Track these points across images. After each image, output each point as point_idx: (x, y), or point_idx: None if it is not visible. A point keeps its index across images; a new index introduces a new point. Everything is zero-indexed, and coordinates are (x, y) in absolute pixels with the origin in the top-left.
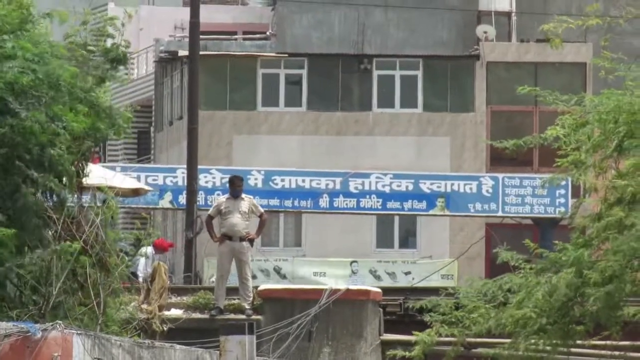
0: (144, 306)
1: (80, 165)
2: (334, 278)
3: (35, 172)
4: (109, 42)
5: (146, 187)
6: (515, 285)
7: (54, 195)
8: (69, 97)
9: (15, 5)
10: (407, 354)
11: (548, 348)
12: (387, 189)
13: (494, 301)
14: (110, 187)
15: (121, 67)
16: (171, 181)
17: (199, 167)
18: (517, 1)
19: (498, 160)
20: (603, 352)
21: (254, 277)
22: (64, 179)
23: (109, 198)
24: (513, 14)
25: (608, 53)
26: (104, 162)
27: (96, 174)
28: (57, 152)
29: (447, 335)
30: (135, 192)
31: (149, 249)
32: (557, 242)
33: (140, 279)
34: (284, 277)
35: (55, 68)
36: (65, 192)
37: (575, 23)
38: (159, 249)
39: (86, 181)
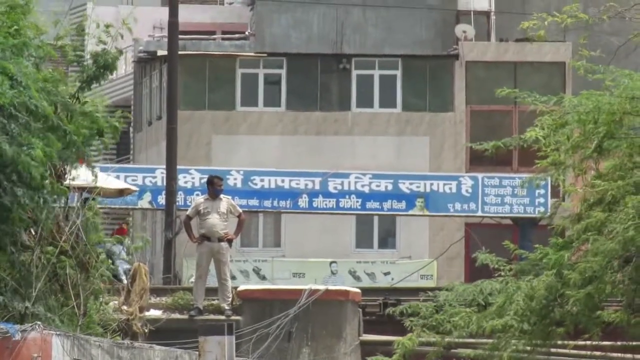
0: (125, 307)
1: (62, 169)
2: (313, 278)
3: (11, 182)
4: (99, 47)
5: (132, 188)
6: (495, 290)
7: (36, 198)
8: (44, 123)
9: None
10: None
11: (528, 349)
12: (366, 189)
13: (474, 304)
14: (95, 188)
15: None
16: (150, 181)
17: (178, 167)
18: (496, 1)
19: (477, 160)
20: (583, 352)
21: (233, 277)
22: (44, 183)
23: (90, 199)
24: (492, 14)
25: (586, 52)
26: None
27: (80, 174)
28: (31, 160)
29: (428, 343)
30: (121, 193)
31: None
32: (537, 246)
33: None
34: (263, 277)
35: (35, 97)
36: (45, 196)
37: (559, 17)
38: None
39: (70, 182)
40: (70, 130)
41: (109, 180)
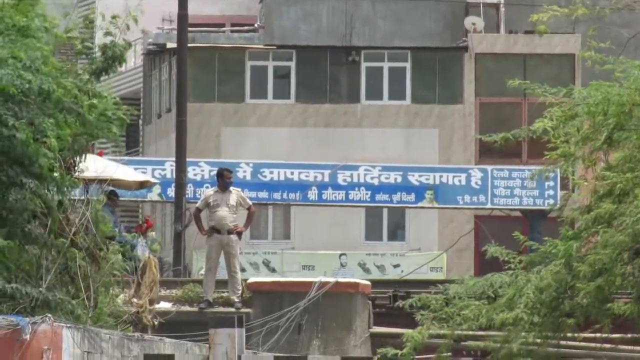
0: (135, 300)
1: (73, 161)
2: (322, 271)
3: (21, 174)
4: (107, 39)
5: (152, 180)
6: (505, 283)
7: (45, 192)
8: (55, 107)
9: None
10: (398, 352)
11: (539, 341)
12: (375, 181)
13: (483, 297)
14: (116, 180)
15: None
16: (160, 174)
17: (188, 159)
18: None
19: (487, 152)
20: (593, 344)
21: (242, 270)
22: (53, 175)
23: (100, 190)
24: (501, 5)
25: (595, 43)
26: (92, 154)
27: (99, 166)
28: (43, 152)
29: (437, 336)
30: (142, 185)
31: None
32: (547, 238)
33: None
34: (273, 270)
35: (46, 78)
36: (54, 189)
37: (562, 11)
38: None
39: (86, 174)
40: (83, 111)
41: (128, 172)
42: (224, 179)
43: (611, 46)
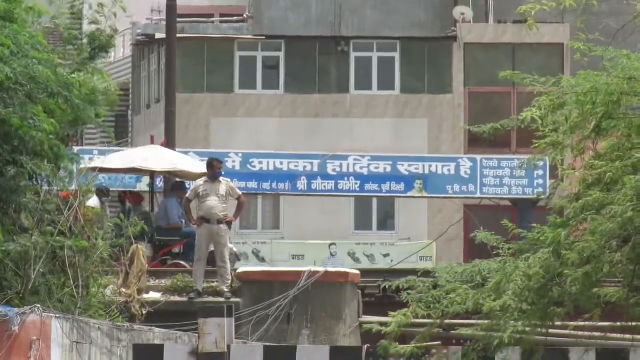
0: (123, 290)
1: (59, 149)
2: (312, 260)
3: (15, 153)
4: (94, 28)
5: None
6: (493, 269)
7: (37, 179)
8: (44, 91)
9: None
10: (383, 329)
11: (527, 329)
12: (365, 171)
13: (471, 282)
14: (180, 171)
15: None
16: None
17: (177, 150)
18: None
19: (476, 141)
20: (581, 333)
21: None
22: (44, 164)
23: (88, 180)
24: None
25: (584, 35)
26: (82, 145)
27: (167, 158)
28: (36, 134)
29: (423, 317)
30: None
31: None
32: (535, 225)
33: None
34: (262, 259)
35: (33, 63)
36: (45, 176)
37: (550, 4)
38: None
39: (151, 165)
40: (71, 96)
41: (193, 164)
42: (213, 169)
43: (600, 37)
